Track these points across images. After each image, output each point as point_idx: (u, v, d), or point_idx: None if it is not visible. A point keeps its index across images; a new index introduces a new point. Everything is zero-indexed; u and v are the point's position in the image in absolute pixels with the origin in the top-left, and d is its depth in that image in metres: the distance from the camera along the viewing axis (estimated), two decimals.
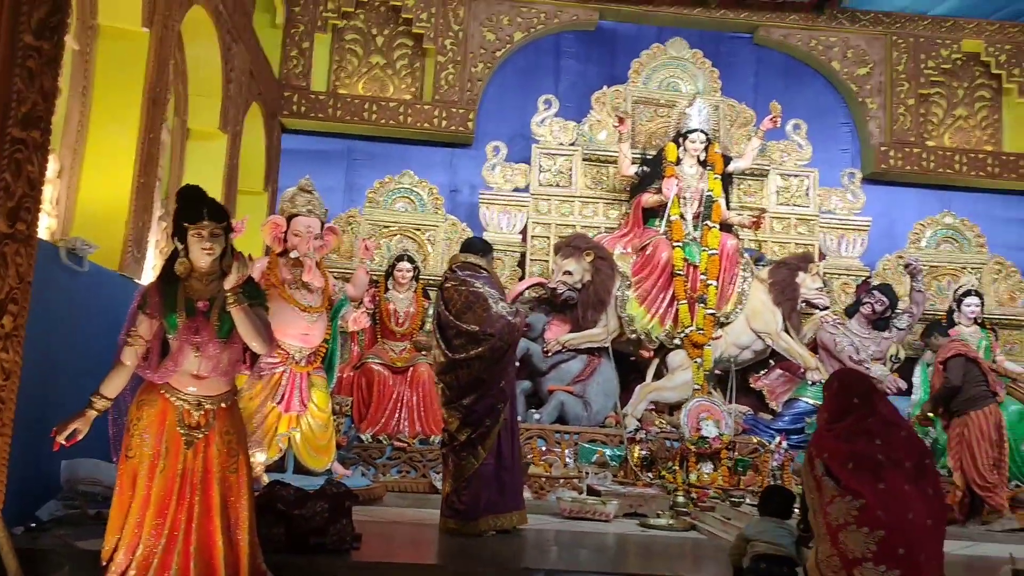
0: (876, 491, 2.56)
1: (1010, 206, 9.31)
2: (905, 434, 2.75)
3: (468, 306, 4.20)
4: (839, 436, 2.72)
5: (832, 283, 8.12)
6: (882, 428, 2.71)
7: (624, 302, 7.31)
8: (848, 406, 2.79)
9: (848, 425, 2.73)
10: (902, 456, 2.64)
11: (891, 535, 2.51)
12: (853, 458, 2.63)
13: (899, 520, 2.53)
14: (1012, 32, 9.27)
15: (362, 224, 7.84)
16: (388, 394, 6.69)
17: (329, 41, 8.89)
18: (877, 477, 2.59)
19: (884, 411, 2.77)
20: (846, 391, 2.85)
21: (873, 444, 2.65)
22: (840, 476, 2.62)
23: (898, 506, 2.55)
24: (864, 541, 2.52)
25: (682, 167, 7.63)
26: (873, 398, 2.82)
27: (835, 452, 2.67)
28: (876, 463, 2.60)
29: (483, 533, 4.04)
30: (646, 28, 9.26)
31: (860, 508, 2.55)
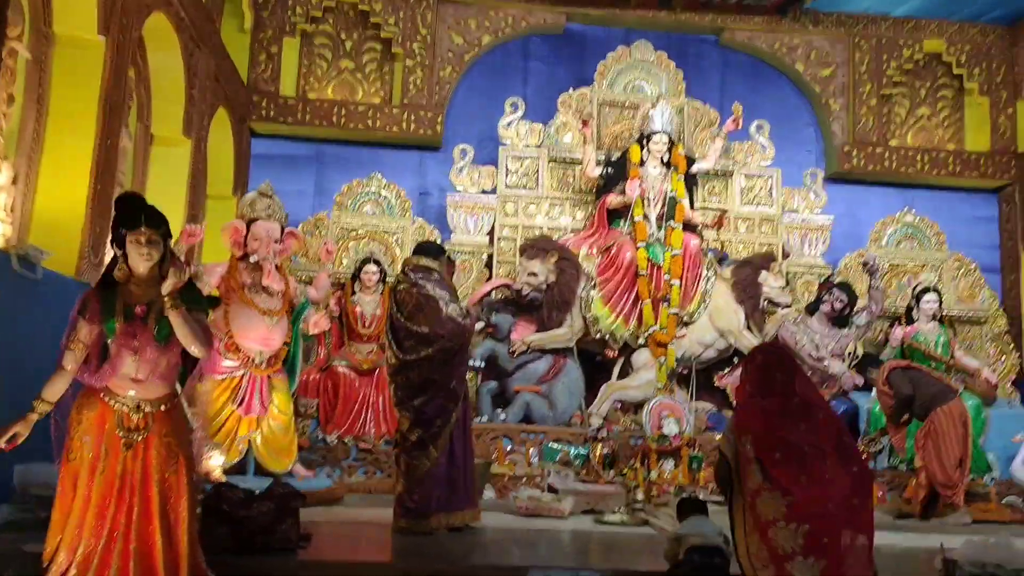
0: (802, 485, 2.64)
1: (971, 204, 9.47)
2: (823, 416, 2.81)
3: (419, 308, 4.28)
4: (765, 416, 2.77)
5: (795, 281, 8.26)
6: (804, 411, 2.77)
7: (589, 302, 7.40)
8: (771, 382, 2.84)
9: (773, 405, 2.79)
10: (823, 439, 2.73)
11: (816, 527, 2.60)
12: (780, 447, 2.71)
13: (823, 511, 2.61)
14: (972, 32, 9.43)
15: (330, 228, 7.90)
16: (354, 396, 6.75)
17: (298, 46, 8.93)
18: (802, 469, 2.67)
19: (804, 391, 2.83)
20: (769, 367, 2.89)
21: (798, 430, 2.72)
22: (767, 467, 2.70)
23: (822, 497, 2.63)
24: (792, 537, 2.61)
25: (646, 168, 7.73)
26: (795, 377, 2.86)
27: (761, 437, 2.74)
28: (801, 454, 2.69)
29: (434, 531, 4.11)
30: (614, 31, 9.35)
31: (788, 505, 2.63)
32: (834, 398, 7.22)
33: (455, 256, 8.05)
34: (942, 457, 6.08)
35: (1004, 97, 9.36)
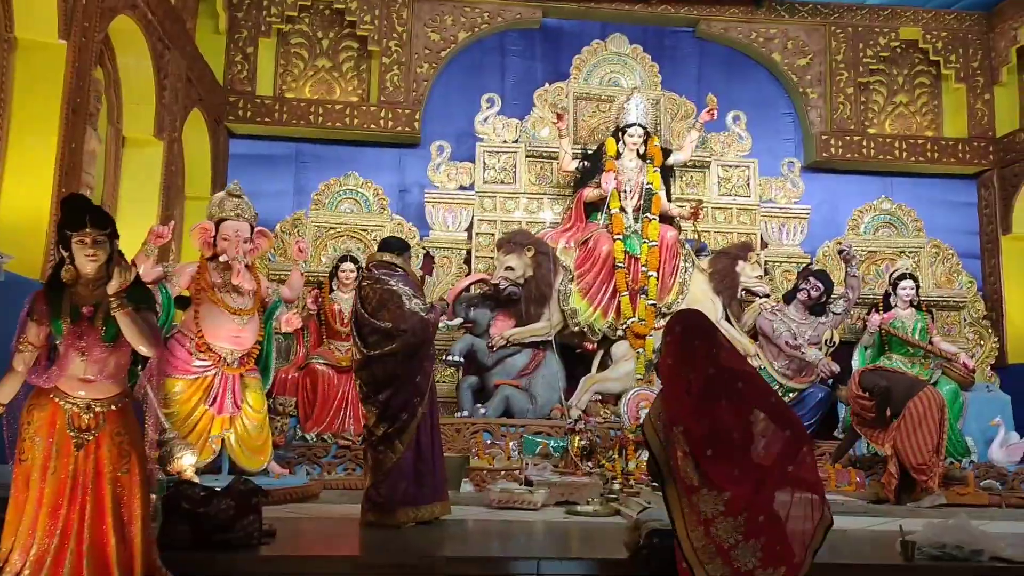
0: (735, 479, 2.65)
1: (950, 190, 9.48)
2: (747, 384, 2.75)
3: (382, 303, 4.30)
4: (691, 402, 2.76)
5: (773, 270, 8.29)
6: (727, 383, 2.73)
7: (567, 296, 7.43)
8: (692, 352, 2.80)
9: (696, 383, 2.77)
10: (749, 409, 2.71)
11: (752, 512, 2.61)
12: (710, 443, 2.72)
13: (757, 495, 2.63)
14: (948, 19, 9.45)
15: (308, 227, 7.91)
16: (333, 394, 6.77)
17: (274, 46, 8.93)
18: (734, 462, 2.67)
19: (726, 359, 2.78)
20: (688, 336, 2.86)
21: (721, 409, 2.70)
22: (700, 464, 2.71)
23: (754, 481, 2.65)
24: (734, 528, 2.62)
25: (622, 161, 7.76)
26: (715, 344, 2.82)
27: (692, 431, 2.75)
28: (731, 447, 2.69)
29: (402, 525, 4.13)
30: (589, 25, 9.36)
31: (726, 501, 2.64)
32: (812, 385, 7.27)
33: (434, 252, 8.08)
34: (918, 442, 6.09)
35: (981, 83, 9.38)
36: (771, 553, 2.58)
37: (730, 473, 2.67)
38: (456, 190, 8.21)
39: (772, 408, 2.77)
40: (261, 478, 5.25)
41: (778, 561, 2.58)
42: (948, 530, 3.61)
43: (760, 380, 2.93)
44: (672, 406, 2.85)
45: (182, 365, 5.13)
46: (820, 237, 8.67)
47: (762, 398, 2.79)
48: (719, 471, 2.69)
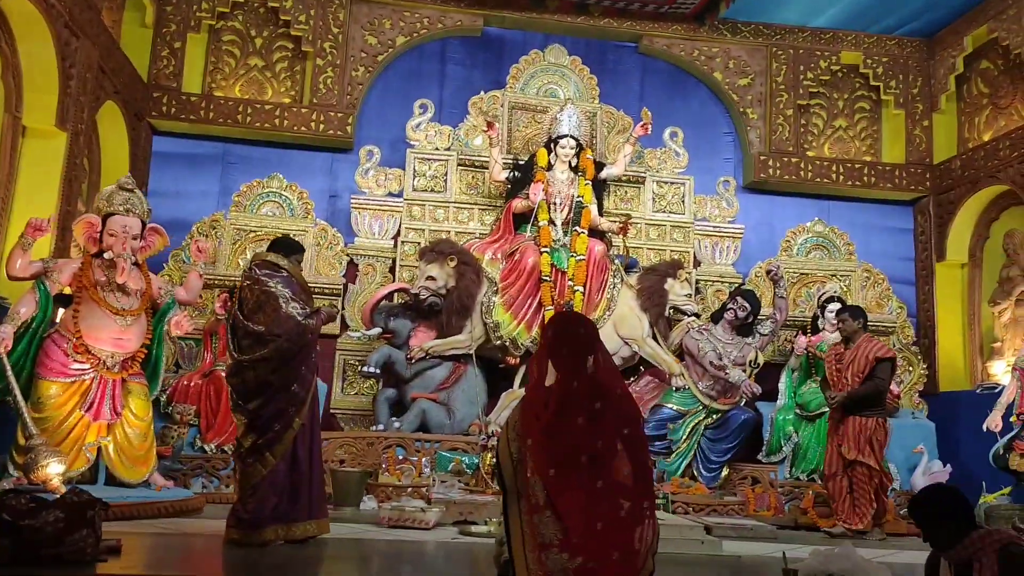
0: (578, 508, 2.42)
1: (887, 215, 9.46)
2: (611, 403, 2.54)
3: (259, 306, 4.05)
4: (548, 419, 2.56)
5: (705, 289, 8.18)
6: (589, 396, 2.52)
7: (490, 308, 7.23)
8: (558, 358, 2.59)
9: (555, 399, 2.60)
10: (603, 430, 2.50)
11: (588, 556, 2.39)
12: (557, 462, 2.51)
13: (595, 535, 2.40)
14: (889, 45, 9.48)
15: (227, 229, 7.64)
16: None
17: (205, 42, 8.65)
18: (579, 488, 2.46)
19: (595, 370, 2.57)
20: (558, 341, 2.64)
21: (578, 434, 2.50)
22: (545, 484, 2.50)
23: (594, 518, 2.43)
24: (564, 566, 2.41)
25: (554, 172, 7.61)
26: (584, 352, 2.59)
27: (542, 446, 2.55)
28: (579, 471, 2.48)
29: (269, 543, 3.87)
30: (532, 35, 9.22)
31: (563, 532, 2.43)
32: (736, 407, 7.13)
33: (358, 259, 7.87)
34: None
35: (920, 110, 9.40)
36: None
37: (575, 500, 2.45)
38: (384, 197, 8.00)
39: (624, 439, 2.56)
40: (141, 490, 4.96)
41: None
42: (834, 559, 3.44)
43: (625, 405, 2.66)
44: (528, 416, 2.64)
45: (58, 367, 4.83)
46: (756, 257, 8.60)
47: (619, 425, 2.57)
48: (563, 495, 2.47)
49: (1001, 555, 2.69)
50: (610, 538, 2.42)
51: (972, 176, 8.66)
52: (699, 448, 7.06)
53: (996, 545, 2.72)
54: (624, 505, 2.48)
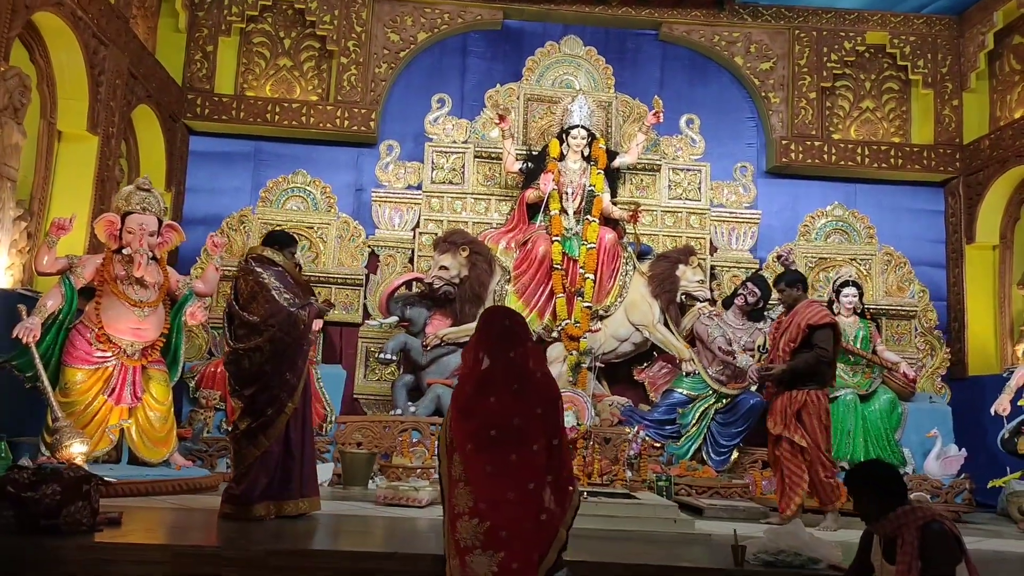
0: (486, 476, 2.62)
1: (917, 198, 9.28)
2: (518, 386, 2.70)
3: (253, 297, 4.34)
4: (467, 397, 2.76)
5: (722, 275, 8.22)
6: (507, 380, 2.70)
7: (503, 296, 7.43)
8: (486, 344, 2.79)
9: (474, 378, 2.78)
10: (516, 413, 2.67)
11: (495, 522, 2.57)
12: (473, 438, 2.71)
13: (502, 504, 2.58)
14: (917, 24, 9.29)
15: (254, 223, 8.01)
16: None
17: (237, 44, 9.04)
18: (487, 458, 2.64)
19: (518, 358, 2.75)
20: (488, 328, 2.84)
21: (490, 413, 2.67)
22: (463, 459, 2.70)
23: (502, 487, 2.61)
24: (474, 531, 2.60)
25: (566, 163, 7.75)
26: (509, 342, 2.78)
27: (457, 424, 2.74)
28: (489, 441, 2.67)
29: (261, 518, 4.16)
30: (551, 26, 9.34)
31: (474, 500, 2.63)
32: (745, 391, 7.18)
33: (379, 251, 8.16)
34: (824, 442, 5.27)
35: (949, 89, 9.19)
36: (507, 569, 2.54)
37: (482, 471, 2.65)
38: (404, 189, 8.26)
39: (538, 418, 2.73)
40: (161, 469, 5.34)
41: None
42: (783, 536, 3.56)
43: (543, 388, 2.83)
44: (455, 394, 2.87)
45: (83, 355, 5.23)
46: (778, 242, 8.55)
47: (535, 404, 2.74)
48: (474, 467, 2.68)
49: (923, 532, 2.79)
50: (520, 507, 2.62)
51: (1001, 156, 8.46)
52: (709, 432, 7.15)
53: (919, 522, 2.81)
54: (535, 478, 2.67)
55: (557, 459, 2.76)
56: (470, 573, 2.57)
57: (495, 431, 2.68)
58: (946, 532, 2.81)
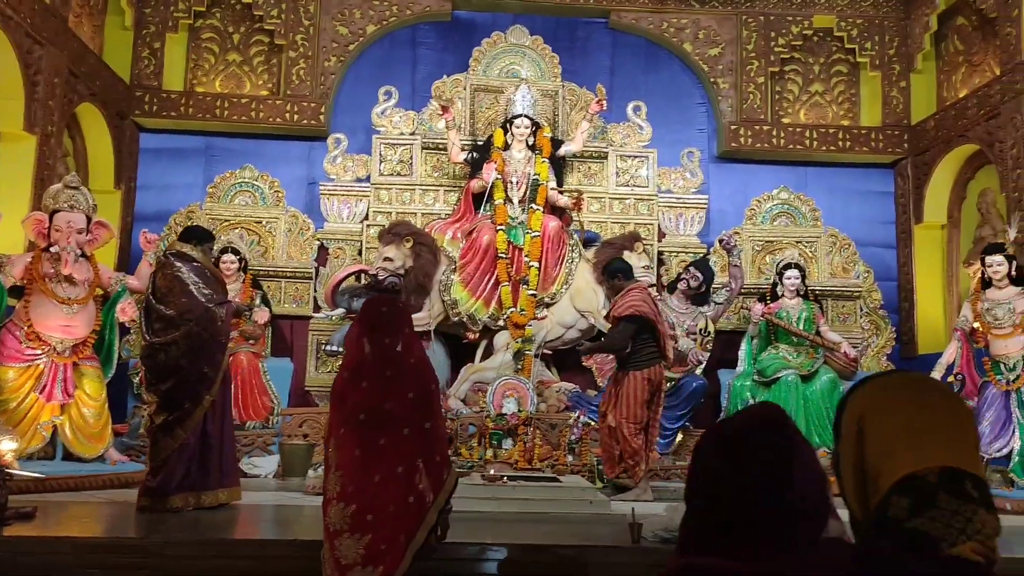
0: (354, 461, 2.68)
1: (869, 179, 9.36)
2: (391, 373, 2.73)
3: (170, 291, 4.39)
4: (343, 382, 2.81)
5: (670, 260, 8.28)
6: (378, 368, 2.74)
7: (449, 286, 7.48)
8: (364, 330, 2.82)
9: (350, 365, 2.82)
10: (386, 398, 2.72)
11: (361, 506, 2.63)
12: (344, 422, 2.76)
13: (369, 487, 2.64)
14: (864, 7, 9.34)
15: (202, 219, 8.01)
16: None
17: (185, 40, 9.04)
18: (357, 441, 2.70)
19: (389, 344, 2.79)
20: (367, 317, 2.88)
21: (362, 398, 2.73)
22: (335, 444, 2.76)
23: (369, 472, 2.66)
24: (342, 515, 2.65)
25: (511, 152, 7.79)
26: (390, 325, 2.82)
27: (333, 409, 2.81)
28: (358, 424, 2.72)
29: (178, 510, 4.22)
30: (502, 16, 9.35)
31: (342, 483, 2.69)
32: (688, 375, 7.26)
33: (328, 244, 8.19)
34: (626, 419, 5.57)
35: (897, 71, 9.26)
36: (374, 551, 2.60)
37: (351, 455, 2.71)
38: (352, 182, 8.30)
39: (410, 402, 2.78)
40: (95, 465, 5.38)
41: (378, 561, 2.59)
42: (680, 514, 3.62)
43: (416, 374, 2.86)
44: (334, 381, 2.93)
45: (13, 353, 5.26)
46: (727, 227, 8.64)
47: (407, 389, 2.79)
48: (344, 452, 2.73)
49: None
50: (387, 490, 2.68)
51: (945, 136, 8.54)
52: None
53: None
54: (404, 461, 2.73)
55: (429, 443, 2.81)
56: (339, 556, 2.62)
57: (364, 415, 2.73)
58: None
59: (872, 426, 1.06)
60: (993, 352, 5.95)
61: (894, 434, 1.03)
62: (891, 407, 1.06)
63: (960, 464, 1.00)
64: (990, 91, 7.80)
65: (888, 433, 1.03)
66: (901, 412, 1.04)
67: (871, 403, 1.08)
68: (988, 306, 6.00)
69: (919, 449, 1.00)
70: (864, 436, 1.06)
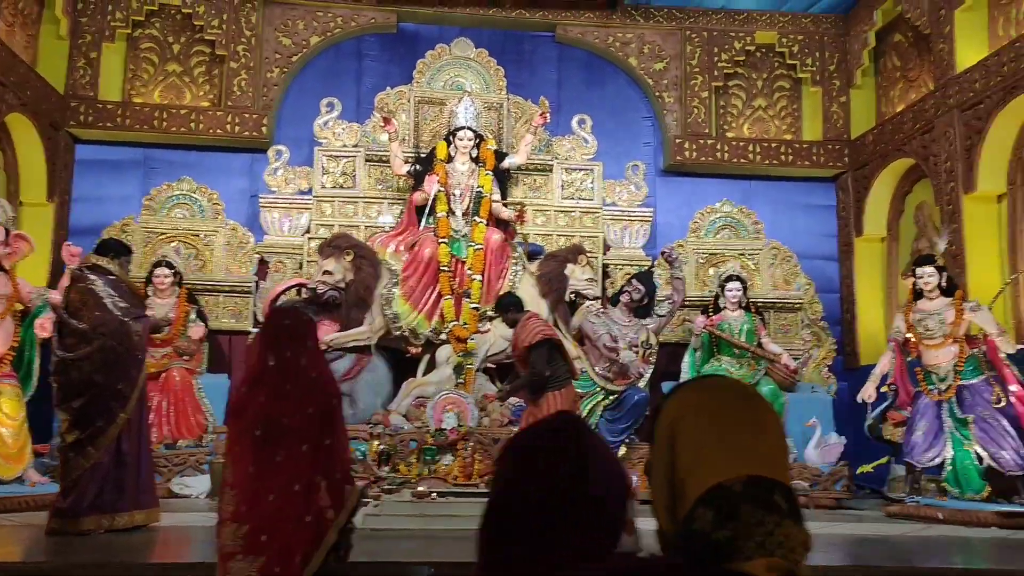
0: (248, 479, 2.58)
1: (811, 193, 9.48)
2: (291, 387, 2.65)
3: (83, 304, 4.24)
4: (241, 396, 2.72)
5: (615, 273, 8.28)
6: (279, 381, 2.66)
7: (390, 299, 7.38)
8: (267, 342, 2.75)
9: (246, 380, 2.72)
10: (285, 413, 2.62)
11: (255, 526, 2.53)
12: (239, 438, 2.67)
13: (263, 506, 2.54)
14: (804, 23, 9.50)
15: (137, 232, 7.83)
16: None
17: (124, 50, 8.86)
18: (252, 458, 2.60)
19: (292, 355, 2.71)
20: (270, 327, 2.80)
21: (259, 412, 2.63)
22: (230, 460, 2.66)
23: (263, 491, 2.57)
24: (234, 536, 2.54)
25: (454, 164, 7.74)
26: (288, 340, 2.73)
27: (230, 425, 2.71)
28: (254, 440, 2.63)
29: (89, 532, 4.05)
30: (447, 29, 9.33)
31: (235, 502, 2.58)
32: (631, 387, 7.25)
33: (268, 257, 8.05)
34: None
35: (837, 86, 9.42)
36: (268, 574, 2.49)
37: (245, 473, 2.61)
38: (294, 195, 8.17)
39: (309, 417, 2.69)
40: (13, 486, 5.18)
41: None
42: None
43: (318, 387, 2.77)
44: (231, 395, 2.83)
45: None
46: (672, 240, 8.67)
47: (307, 404, 2.70)
48: (239, 469, 2.64)
49: None
50: (283, 509, 2.58)
51: (883, 150, 8.70)
52: (598, 429, 7.18)
53: None
54: (301, 479, 2.63)
55: (330, 459, 2.72)
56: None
57: (261, 430, 2.64)
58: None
59: (683, 434, 1.01)
60: (925, 362, 6.02)
61: (704, 442, 0.98)
62: (702, 414, 1.01)
63: (769, 473, 0.96)
64: (925, 106, 7.95)
65: (698, 441, 0.99)
66: (712, 419, 1.00)
67: (683, 410, 1.03)
68: (920, 317, 6.08)
69: (728, 458, 0.96)
70: (675, 444, 1.01)
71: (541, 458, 1.05)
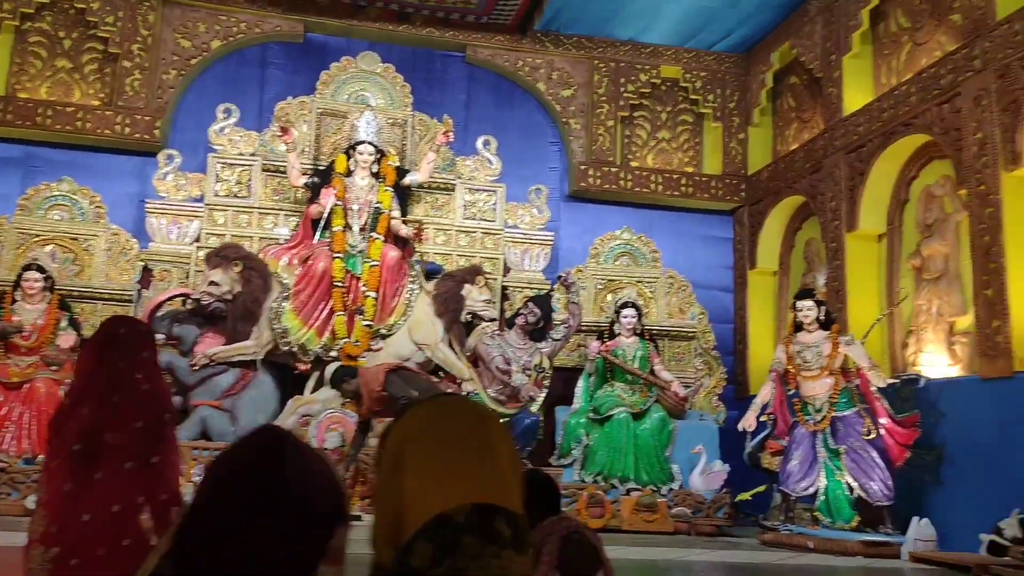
0: (62, 498, 2.39)
1: (711, 225, 9.71)
2: (118, 399, 2.45)
3: None
4: (65, 408, 2.53)
5: (514, 295, 8.25)
6: (104, 392, 2.47)
7: (280, 314, 7.16)
8: (93, 353, 2.55)
9: (73, 391, 2.55)
10: (117, 428, 2.45)
11: (66, 548, 2.34)
12: (57, 454, 2.48)
13: (73, 528, 2.36)
14: (707, 60, 9.77)
15: (10, 233, 7.39)
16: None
17: (10, 43, 8.40)
18: (67, 476, 2.42)
19: (125, 370, 2.50)
20: (97, 335, 2.60)
21: (80, 426, 2.46)
22: (45, 478, 2.46)
23: (75, 511, 2.38)
24: (42, 560, 2.35)
25: (353, 179, 7.60)
26: (121, 349, 2.53)
27: (50, 438, 2.51)
28: (71, 456, 2.45)
29: None
30: (356, 43, 9.20)
31: (46, 523, 2.38)
32: (522, 411, 7.20)
33: (153, 265, 7.71)
34: None
35: (736, 123, 9.72)
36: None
37: (59, 491, 2.41)
38: (184, 201, 7.87)
39: (135, 432, 2.51)
40: None
41: None
42: None
43: (148, 401, 2.56)
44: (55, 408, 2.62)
45: None
46: (574, 264, 8.71)
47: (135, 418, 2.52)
48: (52, 487, 2.44)
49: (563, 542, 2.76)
50: (97, 532, 2.38)
51: (776, 187, 8.99)
52: None
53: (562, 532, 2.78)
54: (122, 499, 2.45)
55: (157, 480, 2.54)
56: None
57: (80, 445, 2.44)
58: (584, 541, 2.80)
59: (411, 457, 0.94)
60: (802, 393, 6.18)
61: (430, 467, 0.91)
62: (429, 437, 0.94)
63: (497, 500, 0.89)
64: (815, 146, 8.26)
65: (424, 466, 0.92)
66: (438, 444, 0.93)
67: (410, 432, 0.96)
68: (799, 349, 6.25)
69: (454, 485, 0.89)
70: (402, 470, 0.93)
71: (232, 480, 0.94)
